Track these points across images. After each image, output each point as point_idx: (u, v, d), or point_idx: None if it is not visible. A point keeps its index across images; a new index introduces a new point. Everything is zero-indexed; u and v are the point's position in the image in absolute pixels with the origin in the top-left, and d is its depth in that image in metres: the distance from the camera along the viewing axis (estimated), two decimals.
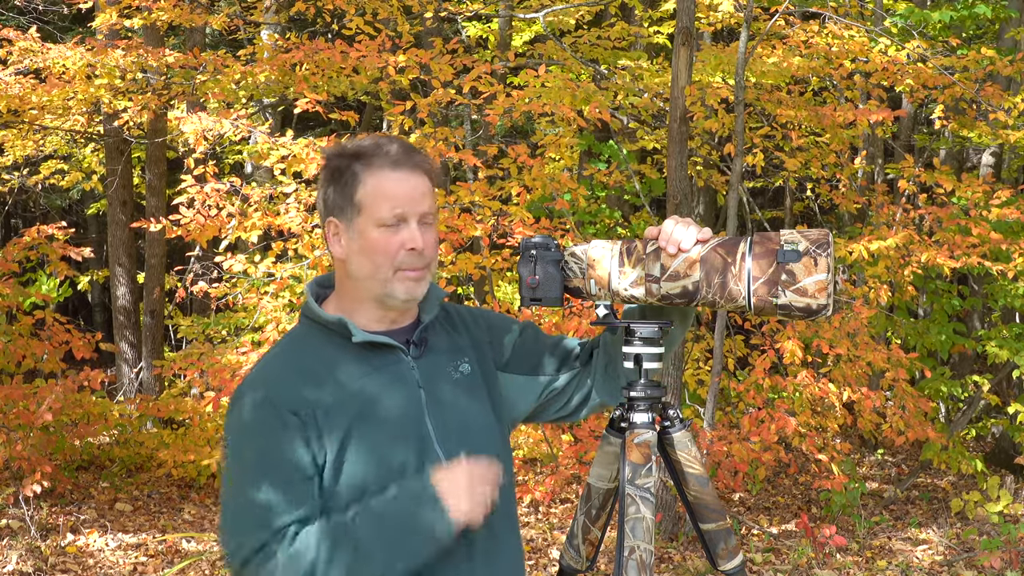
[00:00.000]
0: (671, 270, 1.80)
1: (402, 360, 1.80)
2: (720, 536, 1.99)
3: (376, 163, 1.76)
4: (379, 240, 1.75)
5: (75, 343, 6.40)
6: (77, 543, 5.81)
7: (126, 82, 7.40)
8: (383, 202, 1.75)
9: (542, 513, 6.76)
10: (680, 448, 1.98)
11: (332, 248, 1.81)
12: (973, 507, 6.65)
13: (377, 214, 1.75)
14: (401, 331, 1.84)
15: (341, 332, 1.78)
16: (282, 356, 1.81)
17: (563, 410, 2.01)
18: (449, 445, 1.77)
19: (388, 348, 1.80)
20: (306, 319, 1.85)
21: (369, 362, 1.78)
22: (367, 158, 1.77)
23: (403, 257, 1.76)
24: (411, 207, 1.76)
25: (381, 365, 1.78)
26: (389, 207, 1.75)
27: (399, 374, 1.79)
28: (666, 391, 2.00)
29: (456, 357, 1.87)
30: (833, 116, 6.65)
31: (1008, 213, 6.51)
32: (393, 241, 1.75)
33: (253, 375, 1.80)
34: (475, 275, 6.62)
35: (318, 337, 1.80)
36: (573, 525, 2.06)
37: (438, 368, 1.84)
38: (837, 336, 6.20)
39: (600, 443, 2.00)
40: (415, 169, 1.78)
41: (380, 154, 1.77)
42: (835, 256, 3.59)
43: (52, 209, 14.55)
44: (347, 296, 1.82)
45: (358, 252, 1.77)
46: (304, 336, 1.83)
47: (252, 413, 1.72)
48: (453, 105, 8.01)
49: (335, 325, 1.79)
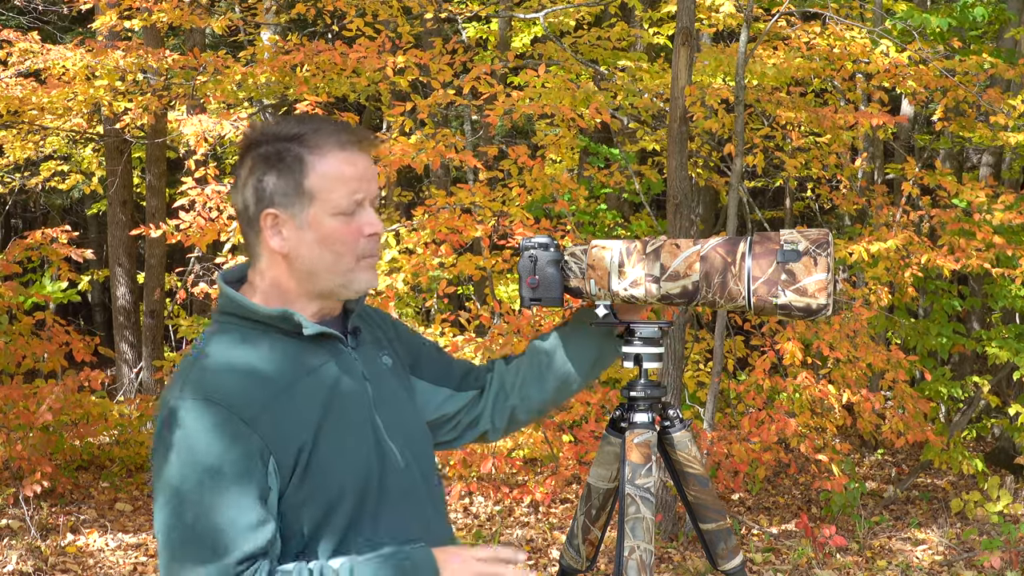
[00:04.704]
0: (671, 270, 1.80)
1: (344, 352, 1.67)
2: (720, 536, 2.00)
3: (322, 145, 1.59)
4: (339, 229, 1.60)
5: (75, 344, 6.40)
6: (77, 543, 5.81)
7: (126, 83, 7.40)
8: (340, 188, 1.59)
9: (542, 513, 6.76)
10: (680, 448, 1.98)
11: (268, 241, 1.61)
12: (973, 507, 6.65)
13: (334, 201, 1.59)
14: (332, 323, 1.69)
15: (283, 327, 1.61)
16: (219, 357, 1.59)
17: (447, 435, 1.92)
18: (396, 439, 1.67)
19: (331, 340, 1.66)
20: (229, 317, 1.63)
21: (317, 356, 1.63)
22: (310, 140, 1.60)
23: (364, 244, 1.63)
24: (368, 189, 1.62)
25: (328, 358, 1.64)
26: (347, 193, 1.60)
27: (347, 366, 1.66)
28: (666, 391, 2.01)
29: (379, 349, 1.77)
30: (833, 117, 6.65)
31: (1012, 217, 6.53)
32: (353, 229, 1.61)
33: (190, 383, 1.55)
34: (475, 276, 6.63)
35: (250, 335, 1.61)
36: (573, 525, 2.06)
37: (373, 359, 1.73)
38: (837, 338, 6.20)
39: (600, 443, 2.00)
40: (363, 148, 1.63)
41: (324, 134, 1.60)
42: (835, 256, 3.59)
43: (52, 209, 14.55)
44: (277, 291, 1.64)
45: (313, 244, 1.60)
46: (234, 336, 1.61)
47: (199, 423, 1.50)
48: (453, 106, 8.02)
49: (277, 319, 1.60)
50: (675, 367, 5.93)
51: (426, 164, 5.97)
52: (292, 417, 1.55)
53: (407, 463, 1.69)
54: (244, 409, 1.52)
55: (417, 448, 1.73)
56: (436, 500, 1.77)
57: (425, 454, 1.76)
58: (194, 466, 1.49)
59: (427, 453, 1.78)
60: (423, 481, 1.72)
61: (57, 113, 7.75)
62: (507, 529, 6.37)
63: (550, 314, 5.94)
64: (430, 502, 1.74)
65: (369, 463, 1.61)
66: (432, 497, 1.75)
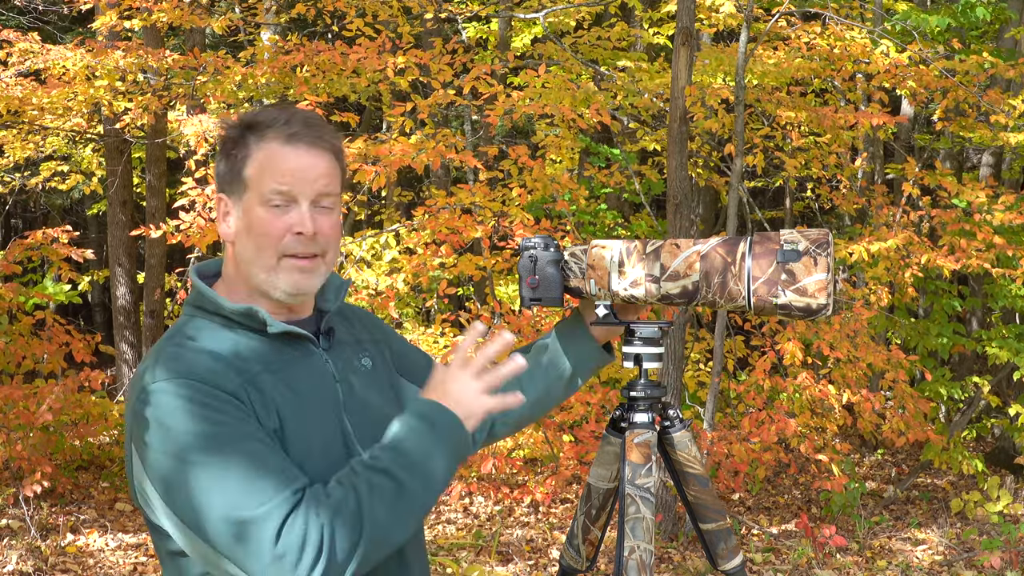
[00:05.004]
0: (671, 270, 1.80)
1: (314, 353, 1.62)
2: (720, 536, 2.00)
3: (269, 135, 1.57)
4: (263, 220, 1.56)
5: (75, 344, 6.41)
6: (77, 543, 5.81)
7: (126, 83, 7.40)
8: (269, 178, 1.56)
9: (542, 513, 6.76)
10: (680, 448, 1.98)
11: (220, 228, 1.62)
12: (973, 507, 6.65)
13: (261, 190, 1.56)
14: (304, 323, 1.65)
15: (248, 324, 1.57)
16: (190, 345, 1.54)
17: None
18: (367, 443, 1.59)
19: (300, 339, 1.61)
20: (197, 311, 1.60)
21: (284, 355, 1.58)
22: (261, 129, 1.58)
23: (288, 241, 1.56)
24: (301, 186, 1.57)
25: (296, 358, 1.59)
26: (275, 184, 1.56)
27: (315, 367, 1.61)
28: (666, 391, 2.01)
29: (358, 351, 1.72)
30: (834, 117, 6.65)
31: (1012, 218, 6.53)
32: (278, 223, 1.56)
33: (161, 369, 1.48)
34: (476, 276, 6.63)
35: (218, 331, 1.57)
36: (573, 525, 2.06)
37: (347, 361, 1.68)
38: (837, 338, 6.20)
39: (600, 443, 2.00)
40: (314, 145, 1.58)
41: (276, 125, 1.58)
42: (835, 256, 3.60)
43: (52, 210, 14.55)
44: (238, 285, 1.62)
45: (243, 232, 1.58)
46: (201, 329, 1.57)
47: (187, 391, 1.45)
48: (453, 106, 8.02)
49: (241, 316, 1.57)
50: (675, 367, 5.93)
51: (426, 164, 5.98)
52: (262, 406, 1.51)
53: None
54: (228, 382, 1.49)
55: None
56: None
57: None
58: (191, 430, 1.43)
59: None
60: None
61: (57, 113, 7.75)
62: (507, 529, 6.37)
63: (550, 314, 5.94)
64: None
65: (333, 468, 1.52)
66: None
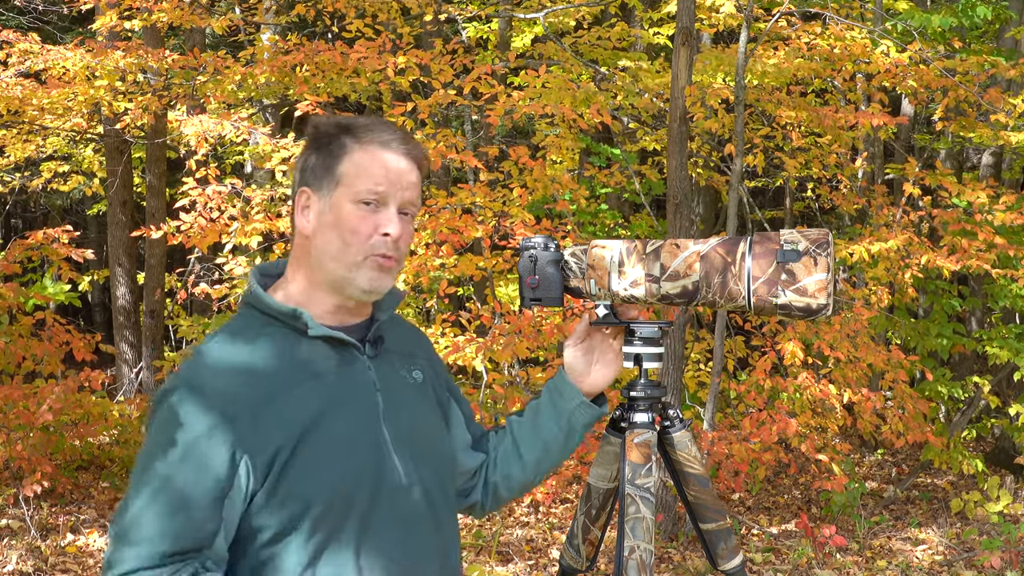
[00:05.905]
0: (671, 270, 1.80)
1: (358, 359, 1.65)
2: (720, 536, 2.00)
3: (368, 138, 1.64)
4: (354, 216, 1.61)
5: (75, 344, 6.41)
6: (77, 543, 5.81)
7: (126, 83, 7.40)
8: (366, 177, 1.62)
9: (542, 513, 6.76)
10: (680, 448, 1.98)
11: (298, 221, 1.66)
12: (973, 507, 6.65)
13: (356, 188, 1.61)
14: (355, 328, 1.68)
15: (293, 324, 1.61)
16: (219, 351, 1.60)
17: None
18: (404, 452, 1.63)
19: (343, 344, 1.64)
20: (250, 309, 1.66)
21: (323, 360, 1.62)
22: (359, 132, 1.65)
23: (376, 241, 1.62)
24: (394, 189, 1.63)
25: (336, 364, 1.62)
26: (371, 183, 1.61)
27: (355, 375, 1.64)
28: (666, 391, 2.01)
29: (410, 363, 1.75)
30: (834, 117, 6.65)
31: (1013, 218, 6.53)
32: (368, 221, 1.61)
33: (185, 371, 1.58)
34: (476, 276, 6.63)
35: (262, 330, 1.62)
36: (573, 525, 2.06)
37: (393, 370, 1.70)
38: (838, 338, 6.20)
39: (600, 443, 2.00)
40: (407, 155, 1.65)
41: (376, 130, 1.65)
42: (835, 256, 3.60)
43: (52, 210, 14.56)
44: (302, 282, 1.66)
45: (328, 226, 1.62)
46: (244, 329, 1.63)
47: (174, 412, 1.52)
48: (454, 106, 8.02)
49: (287, 316, 1.61)
50: (675, 367, 5.93)
51: None
52: (277, 419, 1.54)
53: (411, 482, 1.64)
54: (228, 405, 1.52)
55: (429, 468, 1.68)
56: (442, 526, 1.70)
57: (438, 476, 1.71)
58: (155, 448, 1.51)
59: (441, 475, 1.72)
60: (426, 503, 1.66)
61: (57, 113, 7.76)
62: (507, 529, 6.37)
63: (550, 314, 5.95)
64: (433, 527, 1.67)
65: (360, 475, 1.57)
66: (437, 522, 1.68)
